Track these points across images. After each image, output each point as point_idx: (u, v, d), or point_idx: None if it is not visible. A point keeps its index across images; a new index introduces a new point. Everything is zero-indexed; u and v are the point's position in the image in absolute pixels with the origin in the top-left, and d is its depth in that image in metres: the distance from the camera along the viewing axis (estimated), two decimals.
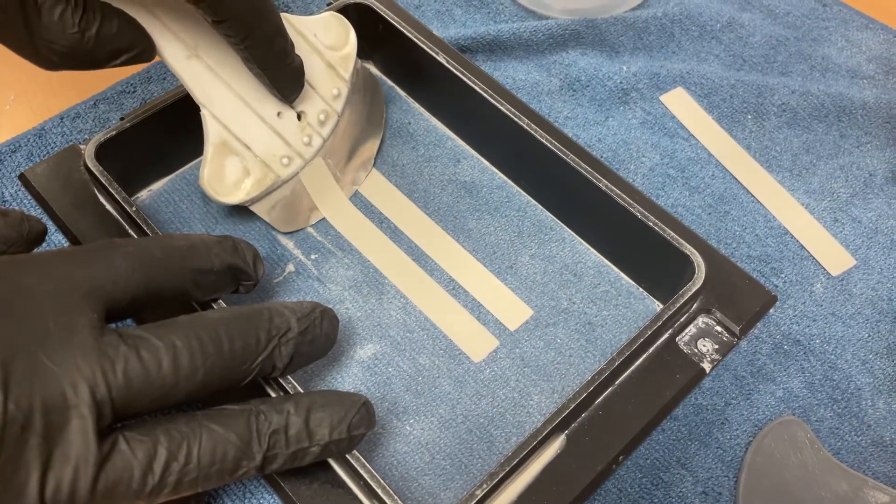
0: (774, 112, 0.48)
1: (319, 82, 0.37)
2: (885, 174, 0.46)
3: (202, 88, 0.33)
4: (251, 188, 0.35)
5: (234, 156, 0.35)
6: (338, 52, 0.37)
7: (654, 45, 0.51)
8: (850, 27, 0.53)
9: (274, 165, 0.36)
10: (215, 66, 0.33)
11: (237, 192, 0.35)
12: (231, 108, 0.34)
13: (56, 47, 0.28)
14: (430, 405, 0.34)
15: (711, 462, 0.35)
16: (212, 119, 0.34)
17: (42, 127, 0.42)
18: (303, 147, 0.37)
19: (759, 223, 0.43)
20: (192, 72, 0.33)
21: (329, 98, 0.37)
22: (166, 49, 0.32)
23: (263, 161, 0.35)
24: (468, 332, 0.36)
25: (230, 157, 0.35)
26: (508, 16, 0.51)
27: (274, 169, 0.36)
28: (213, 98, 0.34)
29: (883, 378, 0.38)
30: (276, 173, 0.36)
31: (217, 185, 0.35)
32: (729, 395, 0.37)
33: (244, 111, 0.35)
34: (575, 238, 0.39)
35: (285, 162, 0.36)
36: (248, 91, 0.34)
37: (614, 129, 0.46)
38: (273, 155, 0.36)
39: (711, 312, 0.34)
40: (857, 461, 0.36)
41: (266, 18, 0.30)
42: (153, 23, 0.31)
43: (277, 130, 0.36)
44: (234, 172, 0.35)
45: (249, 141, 0.35)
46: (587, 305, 0.37)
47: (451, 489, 0.32)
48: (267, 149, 0.35)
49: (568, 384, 0.35)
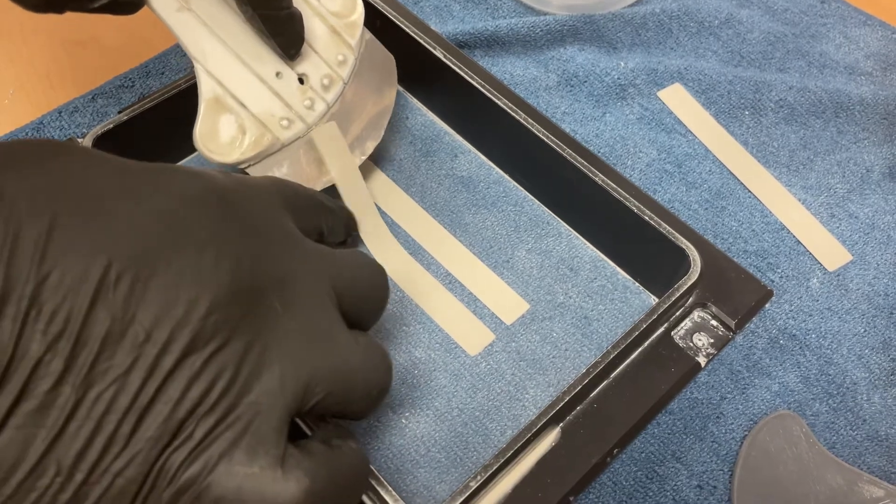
0: (772, 108, 0.48)
1: (323, 46, 0.36)
2: (881, 170, 0.46)
3: (195, 42, 0.32)
4: (247, 148, 0.34)
5: (229, 113, 0.33)
6: (344, 20, 0.37)
7: (652, 41, 0.51)
8: (848, 24, 0.53)
9: (272, 126, 0.34)
10: (208, 20, 0.32)
11: (232, 151, 0.34)
12: (225, 64, 0.33)
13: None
14: (426, 398, 0.34)
15: (706, 456, 0.35)
16: (205, 74, 0.33)
17: (40, 121, 0.42)
18: (304, 110, 0.35)
19: (756, 218, 0.43)
20: (184, 24, 0.32)
21: (334, 63, 0.36)
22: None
23: (260, 121, 0.34)
24: (464, 326, 0.36)
25: (225, 115, 0.33)
26: (506, 11, 0.51)
27: (272, 129, 0.34)
28: (205, 52, 0.33)
29: (878, 373, 0.38)
30: (275, 134, 0.35)
31: (210, 143, 0.33)
32: (724, 389, 0.37)
33: (240, 68, 0.33)
34: (571, 233, 0.39)
35: (284, 124, 0.35)
36: (245, 47, 0.33)
37: (611, 124, 0.46)
38: (271, 115, 0.34)
39: (707, 307, 0.34)
40: (852, 455, 0.36)
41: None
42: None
43: (276, 90, 0.34)
44: (229, 130, 0.34)
45: (245, 99, 0.34)
46: (583, 300, 0.37)
47: (447, 482, 0.32)
48: (264, 108, 0.34)
49: (563, 378, 0.35)
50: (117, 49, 0.47)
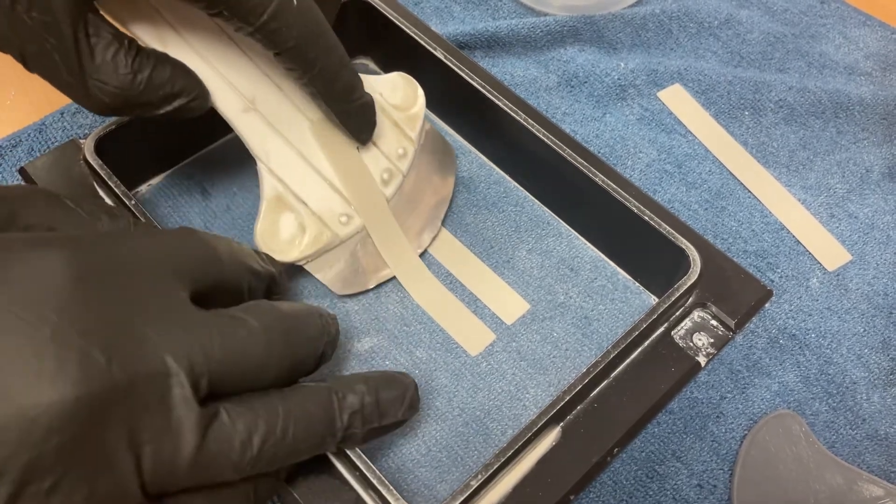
0: (771, 108, 0.48)
1: (384, 140, 0.36)
2: (881, 170, 0.46)
3: (259, 142, 0.32)
4: (306, 246, 0.33)
5: (290, 211, 0.33)
6: (405, 112, 0.37)
7: (652, 41, 0.51)
8: (848, 24, 0.53)
9: (331, 223, 0.34)
10: (273, 119, 0.33)
11: (291, 250, 0.33)
12: (288, 163, 0.33)
13: (107, 88, 0.27)
14: (427, 398, 0.34)
15: (706, 455, 0.35)
16: (268, 173, 0.33)
17: (42, 122, 0.42)
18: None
19: (756, 218, 0.43)
20: (249, 124, 0.32)
21: (394, 157, 0.36)
22: (221, 100, 0.31)
23: (320, 218, 0.34)
24: (465, 326, 0.36)
25: (285, 213, 0.33)
26: (507, 12, 0.51)
27: (331, 227, 0.34)
28: (269, 152, 0.33)
29: (878, 372, 0.38)
30: (334, 231, 0.34)
31: (270, 241, 0.33)
32: (724, 388, 0.37)
33: (302, 165, 0.33)
34: (572, 233, 0.39)
35: (343, 220, 0.34)
36: (307, 144, 0.33)
37: (612, 125, 0.46)
38: (331, 212, 0.34)
39: (707, 306, 0.34)
40: (852, 454, 0.36)
41: (329, 49, 0.30)
42: (208, 72, 0.31)
43: (336, 187, 0.34)
44: (289, 228, 0.33)
45: (306, 196, 0.33)
46: (583, 299, 0.37)
47: (448, 481, 0.32)
48: (324, 205, 0.34)
49: (564, 377, 0.35)
50: None
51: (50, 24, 0.26)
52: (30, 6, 0.25)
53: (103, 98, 0.28)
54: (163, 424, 0.21)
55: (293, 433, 0.24)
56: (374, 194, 0.35)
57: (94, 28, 0.27)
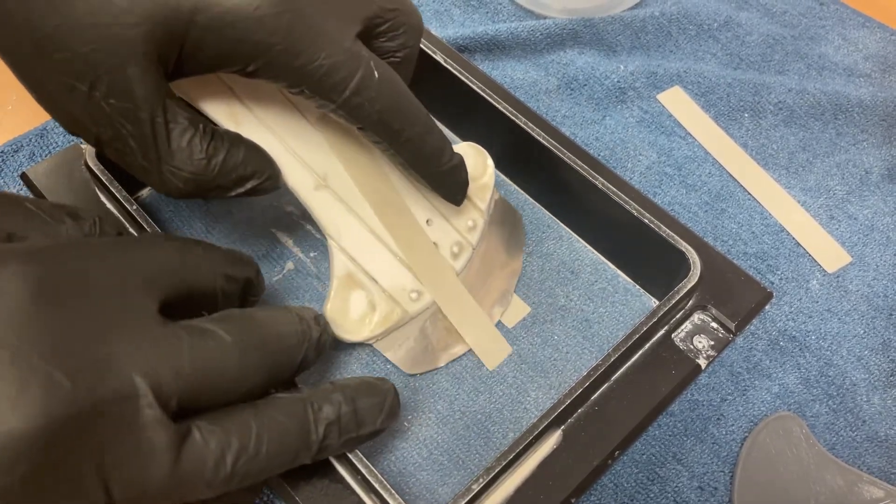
0: (771, 110, 0.48)
1: (454, 213, 0.35)
2: (880, 171, 0.46)
3: (331, 219, 0.32)
4: (376, 324, 0.33)
5: (360, 289, 0.33)
6: (474, 182, 0.35)
7: (652, 44, 0.51)
8: (847, 26, 0.53)
9: (402, 300, 0.33)
10: (345, 196, 0.32)
11: (362, 329, 0.33)
12: (359, 240, 0.33)
13: (182, 174, 0.26)
14: (428, 401, 0.34)
15: (707, 457, 0.35)
16: (339, 251, 0.32)
17: (44, 127, 0.42)
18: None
19: (756, 220, 0.43)
20: (321, 202, 0.32)
21: (464, 230, 0.35)
22: (293, 178, 0.31)
23: (391, 296, 0.33)
24: (484, 340, 0.35)
25: (356, 291, 0.33)
26: (506, 15, 0.51)
27: (402, 304, 0.33)
28: (341, 229, 0.32)
29: (878, 374, 0.38)
30: (404, 308, 0.33)
31: (341, 320, 0.32)
32: (725, 390, 0.37)
33: (373, 243, 0.33)
34: (572, 236, 0.40)
35: (414, 297, 0.34)
36: (378, 222, 0.33)
37: (611, 127, 0.46)
38: (402, 289, 0.33)
39: (707, 309, 0.34)
40: (852, 456, 0.36)
41: (414, 116, 0.29)
42: (280, 149, 0.31)
43: (407, 263, 0.34)
44: (359, 307, 0.33)
45: (377, 274, 0.33)
46: (584, 302, 0.37)
47: (449, 484, 0.32)
48: (395, 282, 0.33)
49: (565, 380, 0.35)
50: None
51: (128, 111, 0.25)
52: (109, 93, 0.24)
53: (178, 184, 0.27)
54: (133, 447, 0.20)
55: (267, 449, 0.23)
56: (443, 268, 0.34)
57: (171, 114, 0.26)
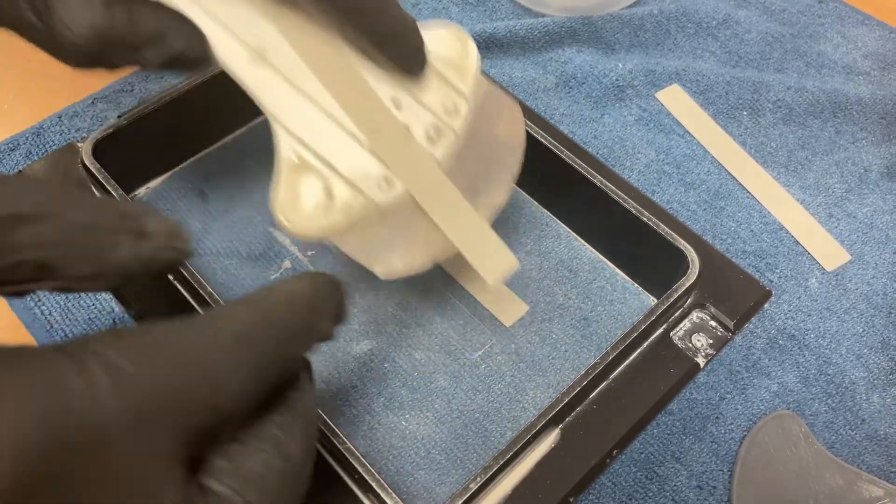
0: (770, 108, 0.48)
1: (428, 92, 0.30)
2: (879, 170, 0.46)
3: (270, 97, 0.27)
4: (336, 216, 0.27)
5: (314, 176, 0.28)
6: (453, 64, 0.31)
7: (650, 42, 0.51)
8: (846, 23, 0.53)
9: (367, 188, 0.28)
10: (288, 72, 0.28)
11: (316, 221, 0.27)
12: (309, 120, 0.28)
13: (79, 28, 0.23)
14: (426, 400, 0.34)
15: (706, 456, 0.35)
16: (284, 133, 0.28)
17: (40, 125, 0.42)
18: None
19: (755, 219, 0.43)
20: (258, 78, 0.27)
21: (440, 111, 0.30)
22: (223, 51, 0.27)
23: (352, 182, 0.28)
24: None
25: (307, 177, 0.28)
26: (505, 13, 0.51)
27: (367, 192, 0.28)
28: (285, 108, 0.28)
29: (877, 372, 0.38)
30: (371, 198, 0.28)
31: (291, 212, 0.27)
32: (723, 389, 0.37)
33: (326, 122, 0.28)
34: (570, 234, 0.39)
35: (383, 186, 0.28)
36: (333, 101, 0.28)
37: (610, 125, 0.46)
38: (365, 175, 0.28)
39: (706, 307, 0.34)
40: (852, 455, 0.36)
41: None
42: (205, 19, 0.27)
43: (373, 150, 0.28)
44: (313, 195, 0.27)
45: (333, 157, 0.28)
46: (582, 301, 0.37)
47: (447, 483, 0.32)
48: (357, 167, 0.28)
49: (563, 379, 0.35)
50: None
51: None
52: None
53: (75, 40, 0.23)
54: None
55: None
56: (422, 158, 0.29)
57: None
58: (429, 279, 0.37)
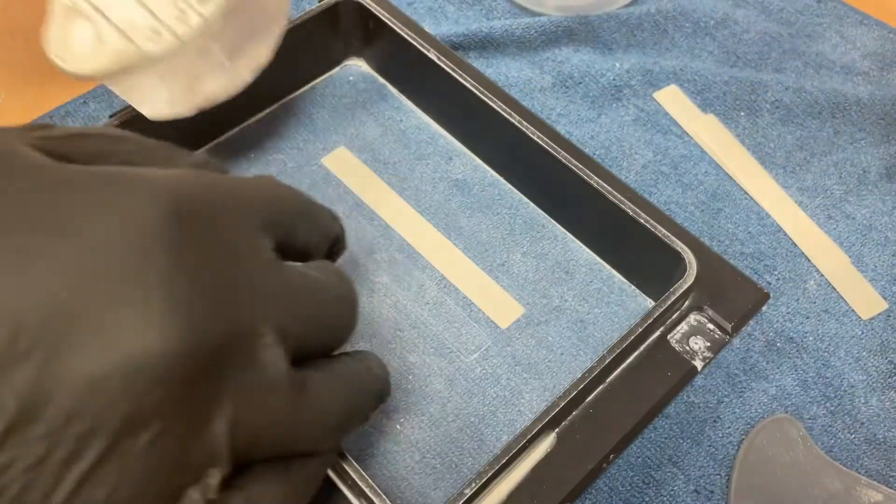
0: (768, 109, 0.47)
1: None
2: (879, 171, 0.45)
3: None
4: (107, 60, 0.30)
5: (85, 20, 0.30)
6: None
7: (648, 41, 0.50)
8: (845, 23, 0.53)
9: (135, 37, 0.30)
10: None
11: (88, 62, 0.30)
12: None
13: None
14: (421, 404, 0.34)
15: (703, 460, 0.35)
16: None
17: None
18: (174, 21, 0.31)
19: (753, 220, 0.43)
20: None
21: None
22: None
23: (122, 30, 0.30)
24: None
25: (79, 21, 0.30)
26: (501, 13, 0.51)
27: (136, 41, 0.30)
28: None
29: (876, 375, 0.38)
30: (139, 46, 0.30)
31: (64, 52, 0.30)
32: (721, 392, 0.37)
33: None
34: (567, 235, 0.39)
35: (150, 36, 0.31)
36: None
37: (607, 126, 0.46)
38: (133, 25, 0.30)
39: (703, 310, 0.33)
40: (850, 459, 0.36)
41: None
42: None
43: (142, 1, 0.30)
44: (84, 39, 0.30)
45: (102, 4, 0.30)
46: (579, 303, 0.37)
47: (442, 488, 0.32)
48: (125, 17, 0.30)
49: (559, 382, 0.35)
50: None
51: None
52: None
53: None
54: (257, 385, 0.20)
55: (361, 400, 0.25)
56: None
57: None
58: (423, 280, 0.37)
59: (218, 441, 0.19)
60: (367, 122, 0.43)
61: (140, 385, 0.17)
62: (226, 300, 0.19)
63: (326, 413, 0.22)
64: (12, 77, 0.46)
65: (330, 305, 0.24)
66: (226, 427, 0.19)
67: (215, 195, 0.21)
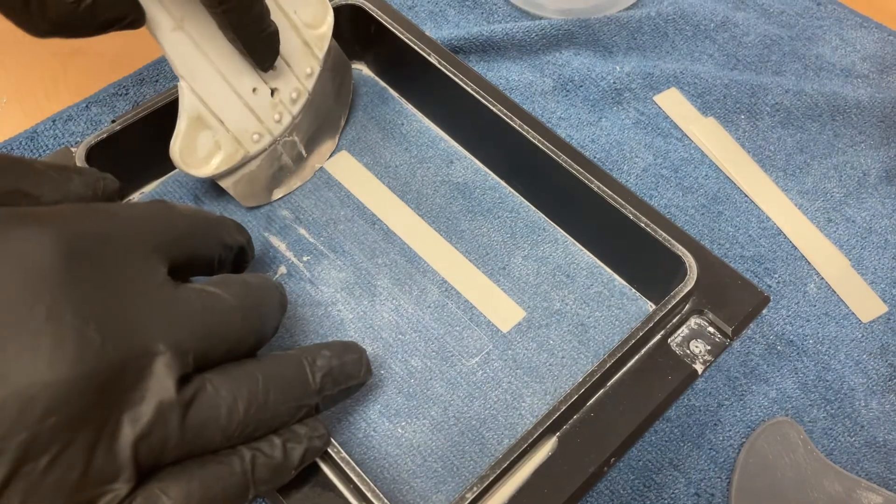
0: (768, 112, 0.47)
1: (295, 60, 0.37)
2: (878, 173, 0.46)
3: (184, 61, 0.33)
4: (221, 163, 0.36)
5: (208, 130, 0.35)
6: (315, 31, 0.38)
7: (648, 44, 0.50)
8: (845, 26, 0.53)
9: (245, 141, 0.36)
10: (199, 39, 0.33)
11: (206, 166, 0.35)
12: (209, 82, 0.34)
13: (50, 14, 0.27)
14: (422, 407, 0.34)
15: (704, 463, 0.35)
16: (189, 92, 0.34)
17: (34, 129, 0.42)
18: (273, 124, 0.37)
19: (753, 223, 0.43)
20: (176, 43, 0.33)
21: (302, 76, 0.38)
22: (154, 19, 0.32)
23: (235, 136, 0.36)
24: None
25: (203, 131, 0.35)
26: (502, 16, 0.51)
27: (244, 145, 0.36)
28: (193, 71, 0.33)
29: (876, 378, 0.38)
30: (246, 149, 0.36)
31: (188, 157, 0.35)
32: (722, 395, 0.37)
33: (222, 86, 0.35)
34: (568, 239, 0.39)
35: (255, 138, 0.37)
36: (228, 66, 0.34)
37: (607, 129, 0.46)
38: (245, 131, 0.36)
39: (704, 313, 0.33)
40: (850, 462, 0.36)
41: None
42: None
43: (251, 106, 0.36)
44: (206, 146, 0.35)
45: (224, 116, 0.35)
46: (580, 306, 0.37)
47: (443, 492, 0.32)
48: (239, 124, 0.36)
49: (560, 386, 0.35)
50: (111, 56, 0.47)
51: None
52: None
53: (44, 25, 0.28)
54: (154, 400, 0.21)
55: (273, 397, 0.25)
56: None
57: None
58: (424, 284, 0.37)
59: (121, 455, 0.21)
60: (368, 126, 0.43)
61: (35, 413, 0.19)
62: (116, 326, 0.21)
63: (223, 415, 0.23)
64: (14, 82, 0.46)
65: (230, 317, 0.24)
66: (128, 441, 0.21)
67: (104, 226, 0.23)
